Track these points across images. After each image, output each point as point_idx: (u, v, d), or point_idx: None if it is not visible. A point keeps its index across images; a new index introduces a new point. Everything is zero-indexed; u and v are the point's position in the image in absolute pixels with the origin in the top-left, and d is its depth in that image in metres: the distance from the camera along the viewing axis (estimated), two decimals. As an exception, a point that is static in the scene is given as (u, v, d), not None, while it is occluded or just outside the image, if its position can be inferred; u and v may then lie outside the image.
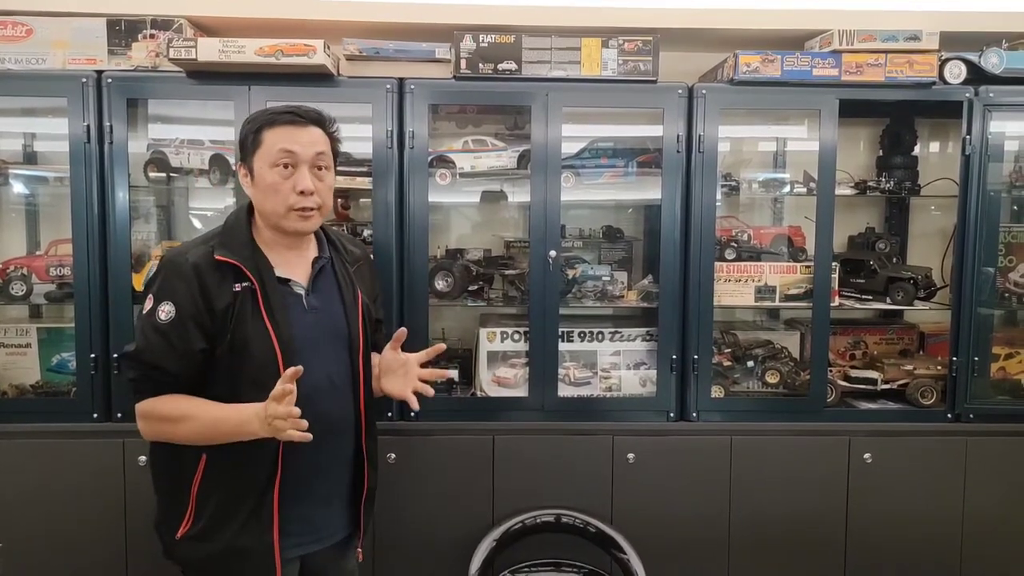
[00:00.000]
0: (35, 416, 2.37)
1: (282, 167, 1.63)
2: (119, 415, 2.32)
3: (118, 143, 2.29)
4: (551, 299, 2.43)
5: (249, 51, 2.20)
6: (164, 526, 1.67)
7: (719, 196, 2.51)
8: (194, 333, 1.57)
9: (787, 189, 2.70)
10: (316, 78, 2.29)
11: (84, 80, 2.26)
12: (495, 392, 2.55)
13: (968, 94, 2.41)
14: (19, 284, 2.43)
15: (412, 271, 2.39)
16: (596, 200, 2.72)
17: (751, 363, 2.65)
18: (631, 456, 2.43)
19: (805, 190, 2.58)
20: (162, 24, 2.34)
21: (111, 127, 2.28)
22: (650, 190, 2.52)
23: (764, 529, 2.47)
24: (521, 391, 2.50)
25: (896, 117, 2.79)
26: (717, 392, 2.51)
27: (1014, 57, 2.41)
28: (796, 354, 2.76)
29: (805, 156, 2.63)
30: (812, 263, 2.49)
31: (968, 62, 2.40)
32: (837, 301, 2.57)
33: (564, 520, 2.37)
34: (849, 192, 2.68)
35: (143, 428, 1.63)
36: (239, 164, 1.71)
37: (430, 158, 2.42)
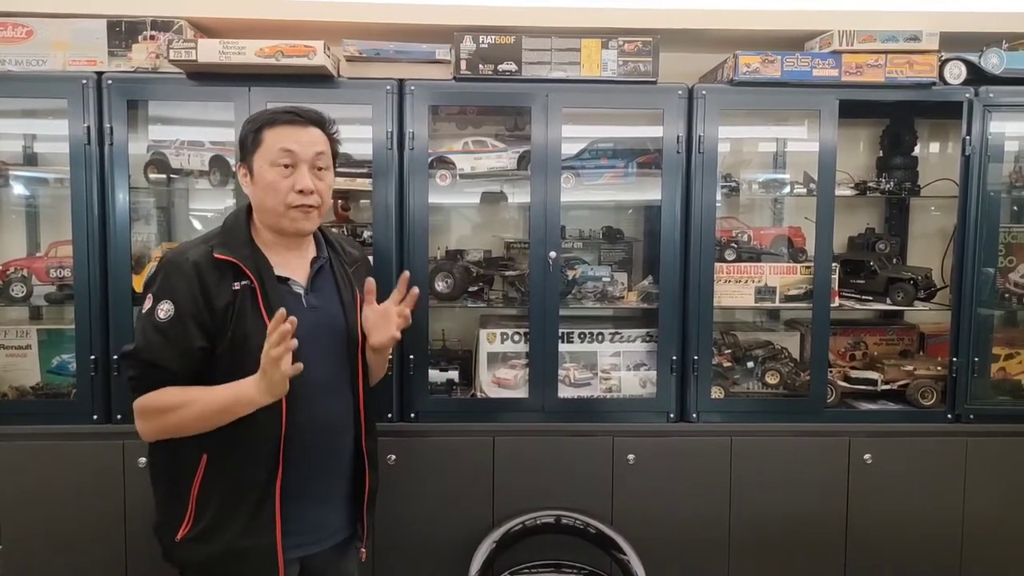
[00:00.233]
0: (35, 418, 2.37)
1: (282, 166, 1.63)
2: (119, 417, 2.32)
3: (118, 144, 2.29)
4: (551, 300, 2.43)
5: (249, 52, 2.20)
6: (163, 528, 1.66)
7: (719, 197, 2.50)
8: (194, 331, 1.57)
9: (787, 190, 2.70)
10: (316, 79, 2.29)
11: (84, 81, 2.27)
12: (495, 393, 2.55)
13: (968, 94, 2.41)
14: (19, 286, 2.43)
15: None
16: (596, 201, 2.72)
17: (751, 364, 2.65)
18: (631, 457, 2.43)
19: (805, 191, 2.58)
20: (162, 25, 2.34)
21: (111, 128, 2.28)
22: (650, 191, 2.52)
23: (764, 530, 2.47)
24: (521, 392, 2.50)
25: (896, 118, 2.79)
26: (717, 393, 2.51)
27: (1014, 57, 2.41)
28: (796, 355, 2.76)
29: (805, 157, 2.63)
30: (812, 264, 2.49)
31: (968, 62, 2.41)
32: (837, 302, 2.57)
33: (564, 521, 2.37)
34: (849, 193, 2.68)
35: (142, 427, 1.62)
36: (239, 164, 1.71)
37: (430, 159, 2.42)
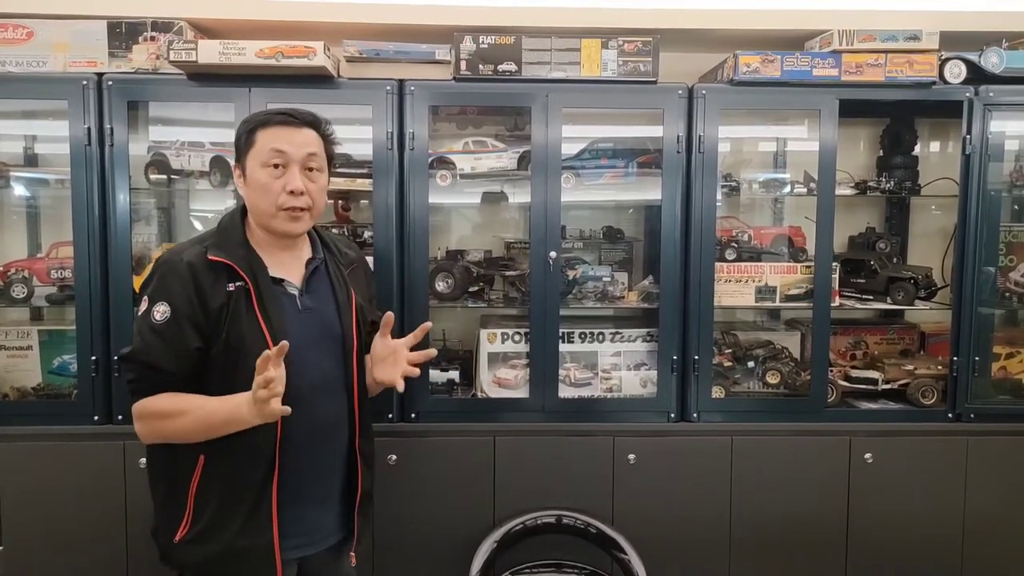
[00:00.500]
0: (36, 418, 2.38)
1: (273, 167, 1.63)
2: (120, 417, 2.33)
3: (119, 145, 2.29)
4: (552, 300, 2.43)
5: (249, 53, 2.20)
6: (161, 530, 1.67)
7: (719, 196, 2.50)
8: (189, 333, 1.58)
9: (787, 189, 2.70)
10: (316, 80, 2.29)
11: (85, 82, 2.27)
12: (496, 393, 2.55)
13: (968, 94, 2.41)
14: (20, 287, 2.43)
15: (412, 272, 2.39)
16: (596, 201, 2.72)
17: (752, 363, 2.65)
18: (632, 457, 2.43)
19: (805, 190, 2.58)
20: (162, 26, 2.34)
21: (112, 129, 2.28)
22: (650, 191, 2.52)
23: (765, 529, 2.47)
24: (522, 392, 2.50)
25: (896, 117, 2.79)
26: (718, 393, 2.51)
27: (1014, 56, 2.41)
28: (797, 354, 2.76)
29: (805, 156, 2.63)
30: (812, 263, 2.49)
31: (968, 62, 2.41)
32: (838, 301, 2.57)
33: (565, 521, 2.37)
34: (849, 192, 2.68)
35: (140, 429, 1.63)
36: (235, 165, 1.71)
37: (430, 159, 2.42)
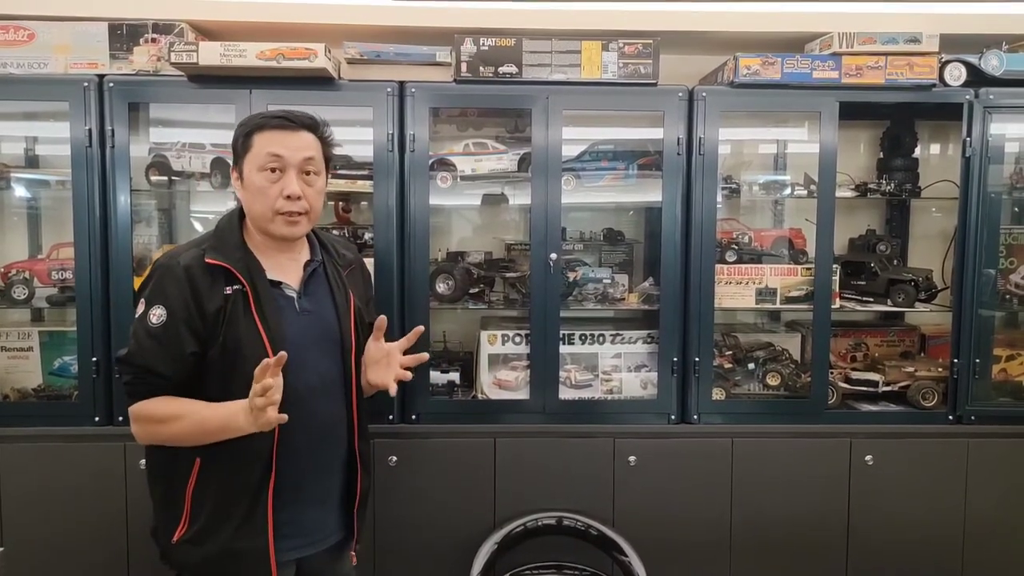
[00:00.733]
0: (37, 420, 2.37)
1: (269, 171, 1.63)
2: (120, 419, 2.33)
3: (120, 147, 2.30)
4: (552, 302, 2.43)
5: (250, 55, 2.21)
6: (160, 530, 1.67)
7: (720, 198, 2.50)
8: (185, 336, 1.58)
9: (788, 191, 2.70)
10: (317, 82, 2.29)
11: (86, 84, 2.27)
12: (496, 395, 2.55)
13: (968, 96, 2.41)
14: (21, 288, 2.43)
15: (413, 274, 2.39)
16: (597, 203, 2.72)
17: (752, 365, 2.65)
18: (632, 459, 2.43)
19: (806, 192, 2.58)
20: (163, 28, 2.35)
21: (113, 131, 2.29)
22: (651, 192, 2.53)
23: (765, 531, 2.47)
24: (522, 394, 2.50)
25: (896, 119, 2.79)
26: (718, 394, 2.51)
27: (1014, 59, 2.42)
28: (797, 356, 2.76)
29: (805, 158, 2.63)
30: (813, 265, 2.49)
31: (968, 64, 2.41)
32: (838, 303, 2.57)
33: (565, 523, 2.37)
34: (850, 194, 2.68)
35: (136, 431, 1.64)
36: (232, 168, 1.71)
37: (431, 161, 2.43)
